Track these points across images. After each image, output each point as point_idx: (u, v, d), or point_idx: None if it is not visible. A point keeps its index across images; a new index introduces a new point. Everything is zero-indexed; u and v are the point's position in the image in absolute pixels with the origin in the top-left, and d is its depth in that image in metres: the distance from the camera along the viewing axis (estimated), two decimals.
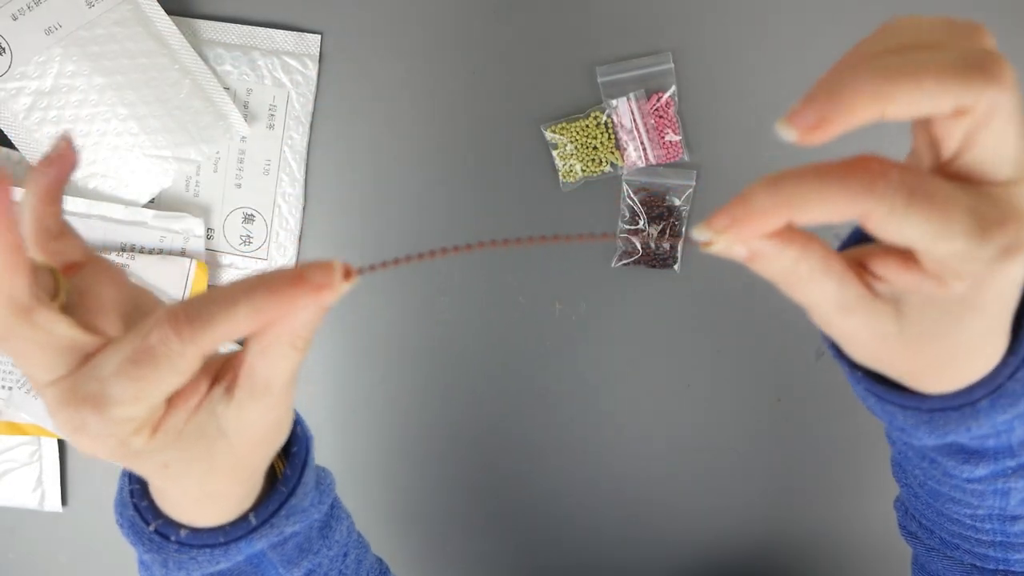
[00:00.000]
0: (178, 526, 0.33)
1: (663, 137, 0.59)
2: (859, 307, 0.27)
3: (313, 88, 0.60)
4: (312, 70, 0.60)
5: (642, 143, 0.59)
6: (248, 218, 0.60)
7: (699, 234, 0.25)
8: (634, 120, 0.59)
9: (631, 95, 0.59)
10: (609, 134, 0.60)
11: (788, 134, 0.24)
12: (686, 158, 0.60)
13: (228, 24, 0.59)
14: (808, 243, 0.26)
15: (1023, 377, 0.29)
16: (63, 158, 0.27)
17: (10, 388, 0.57)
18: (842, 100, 0.23)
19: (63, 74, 0.55)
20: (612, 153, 0.60)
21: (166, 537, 0.32)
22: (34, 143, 0.57)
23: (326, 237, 0.61)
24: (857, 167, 0.24)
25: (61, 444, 0.61)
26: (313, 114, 0.60)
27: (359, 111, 0.60)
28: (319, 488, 0.36)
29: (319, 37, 0.60)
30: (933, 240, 0.24)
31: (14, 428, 0.59)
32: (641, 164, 0.60)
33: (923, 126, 0.26)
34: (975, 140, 0.24)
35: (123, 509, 0.34)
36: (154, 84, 0.57)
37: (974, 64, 0.23)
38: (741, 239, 0.26)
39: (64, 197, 0.28)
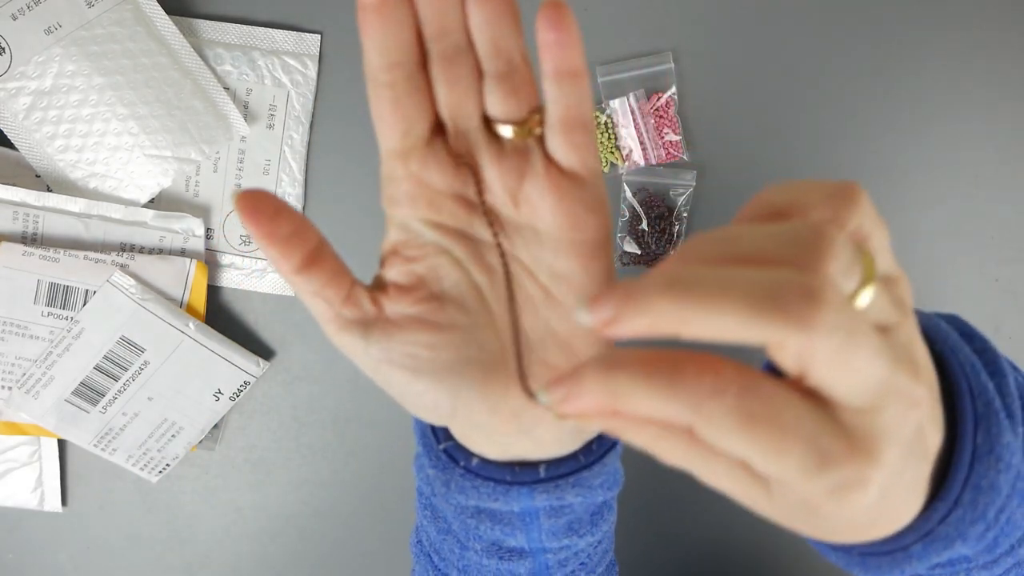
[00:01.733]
0: (469, 453, 0.32)
1: (663, 137, 0.59)
2: (757, 501, 0.24)
3: (313, 88, 0.60)
4: (312, 70, 0.60)
5: (642, 143, 0.59)
6: None
7: (541, 397, 0.23)
8: (634, 120, 0.59)
9: (631, 95, 0.59)
10: (609, 134, 0.59)
11: (583, 318, 0.21)
12: (686, 158, 0.60)
13: (228, 24, 0.59)
14: (663, 427, 0.23)
15: (954, 521, 0.27)
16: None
17: (10, 388, 0.57)
18: (637, 307, 0.21)
19: (63, 74, 0.55)
20: (612, 153, 0.60)
21: (454, 460, 0.32)
22: (34, 143, 0.57)
23: (326, 237, 0.61)
24: (691, 376, 0.21)
25: (61, 444, 0.61)
26: (313, 114, 0.60)
27: (359, 111, 0.60)
28: (612, 476, 0.34)
29: (319, 37, 0.60)
30: (762, 463, 0.21)
31: (14, 428, 0.59)
32: (641, 164, 0.60)
33: None
34: (809, 370, 0.21)
35: (419, 419, 0.33)
36: (154, 84, 0.57)
37: (779, 304, 0.20)
38: (576, 413, 0.23)
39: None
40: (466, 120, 0.28)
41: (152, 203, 0.59)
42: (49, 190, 0.58)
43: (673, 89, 0.59)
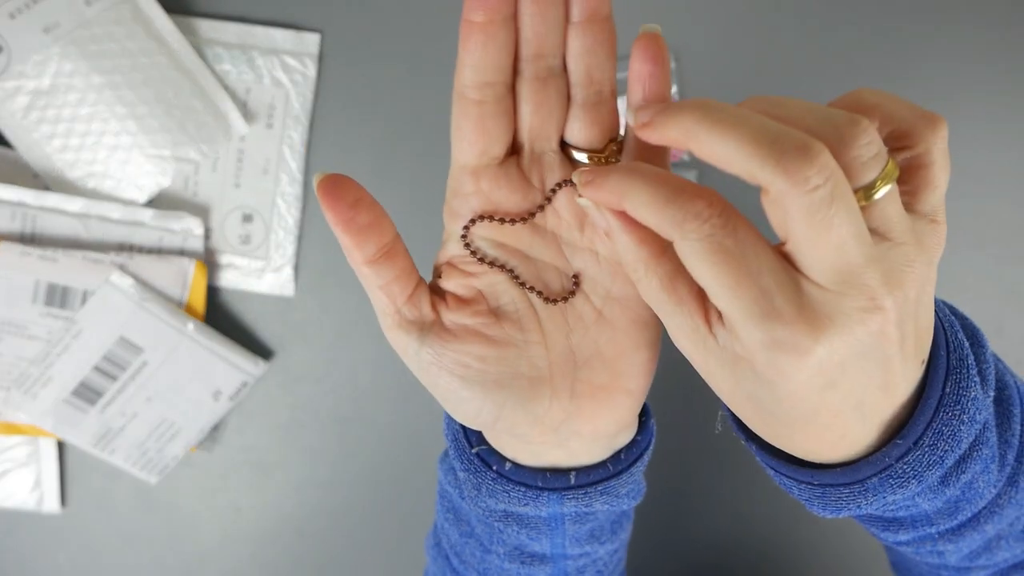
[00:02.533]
0: (502, 458, 0.33)
1: None
2: (697, 341, 0.26)
3: (312, 87, 0.60)
4: (311, 69, 0.59)
5: None
6: (247, 218, 0.60)
7: (578, 180, 0.27)
8: None
9: None
10: None
11: (628, 117, 0.26)
12: (686, 158, 0.60)
13: (227, 23, 0.59)
14: (662, 255, 0.26)
15: (912, 461, 0.28)
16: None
17: (8, 388, 0.57)
18: (669, 117, 0.24)
19: (61, 73, 0.55)
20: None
21: (488, 464, 0.33)
22: (32, 142, 0.57)
23: (325, 237, 0.61)
24: (687, 196, 0.24)
25: (60, 445, 0.61)
26: (312, 113, 0.60)
27: (359, 111, 0.60)
28: (637, 486, 0.35)
29: (318, 36, 0.59)
30: (716, 293, 0.24)
31: (12, 428, 0.58)
32: None
33: None
34: (787, 232, 0.24)
35: (451, 422, 0.34)
36: (153, 83, 0.57)
37: (776, 148, 0.22)
38: (592, 197, 0.27)
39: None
40: (544, 143, 0.29)
41: (151, 203, 0.59)
42: (47, 189, 0.58)
43: (674, 89, 0.59)
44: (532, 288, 0.30)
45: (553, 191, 0.29)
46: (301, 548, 0.63)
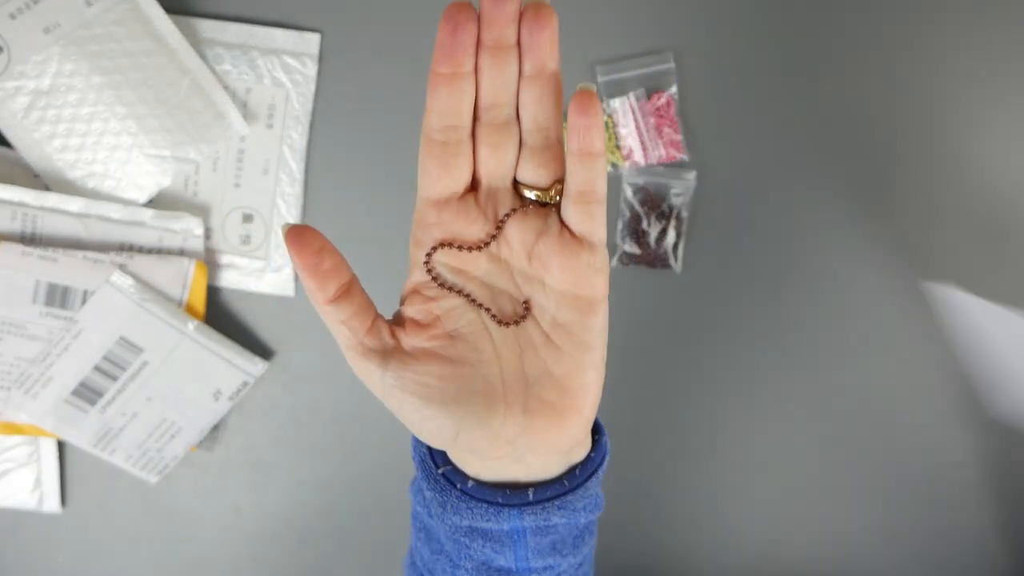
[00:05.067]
0: (465, 477, 0.36)
1: (663, 137, 0.59)
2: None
3: (312, 87, 0.60)
4: (311, 69, 0.59)
5: (642, 143, 0.59)
6: (247, 218, 0.60)
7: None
8: (634, 119, 0.59)
9: (631, 94, 0.59)
10: (609, 134, 0.59)
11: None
12: (686, 158, 0.60)
13: (227, 23, 0.59)
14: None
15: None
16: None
17: (8, 388, 0.57)
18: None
19: (61, 73, 0.55)
20: (612, 153, 0.60)
21: (452, 483, 0.36)
22: (32, 142, 0.57)
23: (326, 236, 0.61)
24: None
25: (60, 445, 0.61)
26: (312, 113, 0.60)
27: (359, 110, 0.60)
28: (594, 500, 0.38)
29: (318, 36, 0.59)
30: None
31: (12, 428, 0.58)
32: (641, 164, 0.60)
33: None
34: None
35: (418, 445, 0.38)
36: (153, 83, 0.57)
37: None
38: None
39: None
40: (499, 180, 0.33)
41: (151, 203, 0.59)
42: (48, 190, 0.58)
43: (674, 88, 0.59)
44: (487, 311, 0.34)
45: (503, 221, 0.33)
46: (301, 548, 0.63)
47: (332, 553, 0.63)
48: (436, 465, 0.37)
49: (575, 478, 0.36)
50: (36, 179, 0.58)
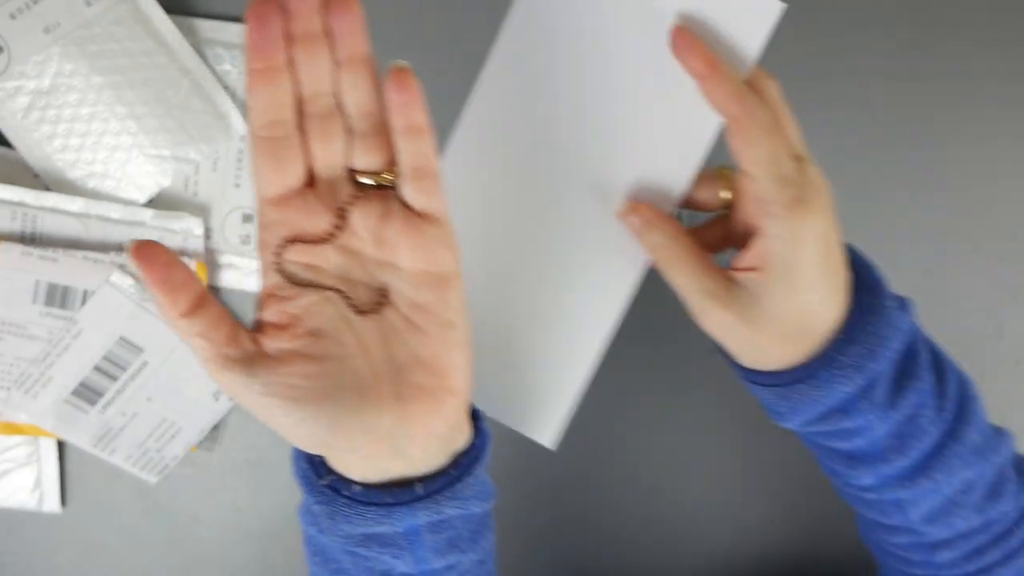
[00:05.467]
0: (350, 483, 0.35)
1: None
2: (726, 295, 0.37)
3: None
4: None
5: None
6: (247, 218, 0.60)
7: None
8: None
9: None
10: None
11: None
12: None
13: (227, 23, 0.59)
14: (678, 232, 0.39)
15: (851, 352, 0.36)
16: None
17: (8, 388, 0.57)
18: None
19: (61, 73, 0.55)
20: None
21: (337, 492, 0.35)
22: (32, 142, 0.57)
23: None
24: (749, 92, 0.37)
25: (60, 445, 0.61)
26: None
27: None
28: (484, 488, 0.38)
29: None
30: (770, 162, 0.36)
31: (12, 428, 0.58)
32: None
33: None
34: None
35: (298, 461, 0.36)
36: (153, 83, 0.57)
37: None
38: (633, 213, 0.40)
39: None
40: (334, 170, 0.33)
41: (151, 203, 0.59)
42: (48, 190, 0.58)
43: None
44: (347, 300, 0.33)
45: (343, 210, 0.33)
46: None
47: None
48: (319, 477, 0.36)
49: (460, 466, 0.36)
50: (36, 179, 0.58)
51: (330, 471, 0.36)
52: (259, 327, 0.33)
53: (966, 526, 0.39)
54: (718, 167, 0.41)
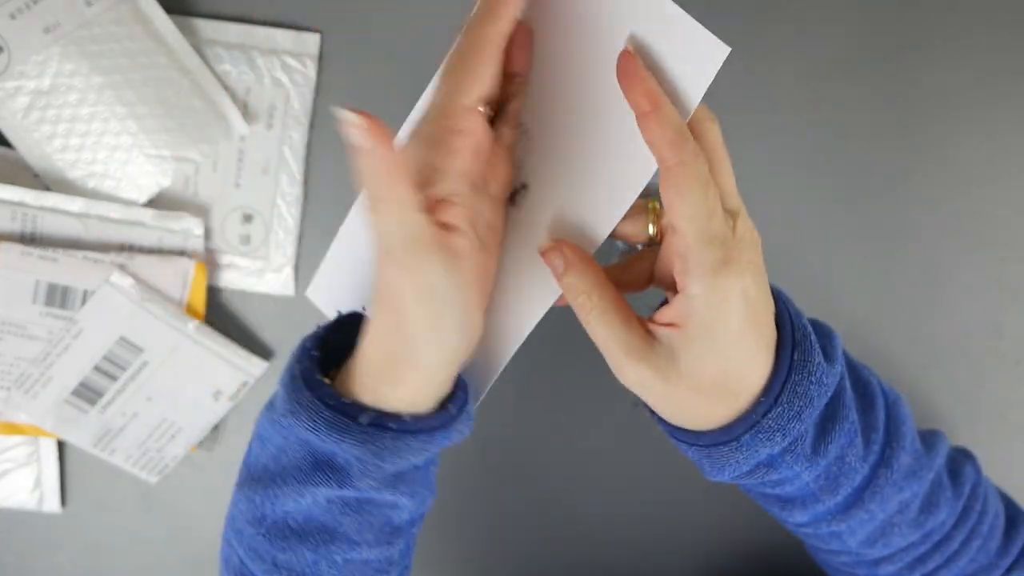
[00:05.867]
0: (394, 414, 0.35)
1: None
2: (645, 350, 0.34)
3: (312, 88, 0.60)
4: (312, 70, 0.59)
5: None
6: (247, 218, 0.60)
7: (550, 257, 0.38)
8: None
9: None
10: None
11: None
12: None
13: (227, 23, 0.59)
14: (601, 279, 0.36)
15: (775, 416, 0.34)
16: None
17: (8, 388, 0.57)
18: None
19: (61, 73, 0.55)
20: None
21: (384, 427, 0.34)
22: (32, 142, 0.57)
23: (325, 237, 0.60)
24: (685, 138, 0.33)
25: (60, 445, 0.61)
26: (312, 114, 0.60)
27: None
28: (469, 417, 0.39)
29: (318, 36, 0.59)
30: (691, 219, 0.32)
31: (12, 428, 0.58)
32: None
33: None
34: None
35: (317, 410, 0.34)
36: (153, 83, 0.57)
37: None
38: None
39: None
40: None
41: (151, 203, 0.59)
42: (48, 190, 0.58)
43: None
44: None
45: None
46: None
47: None
48: (353, 418, 0.34)
49: (463, 387, 0.38)
50: (36, 179, 0.58)
51: (362, 408, 0.35)
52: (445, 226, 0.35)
53: (905, 542, 0.39)
54: (647, 200, 0.39)
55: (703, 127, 0.35)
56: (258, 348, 0.61)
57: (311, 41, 0.59)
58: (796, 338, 0.35)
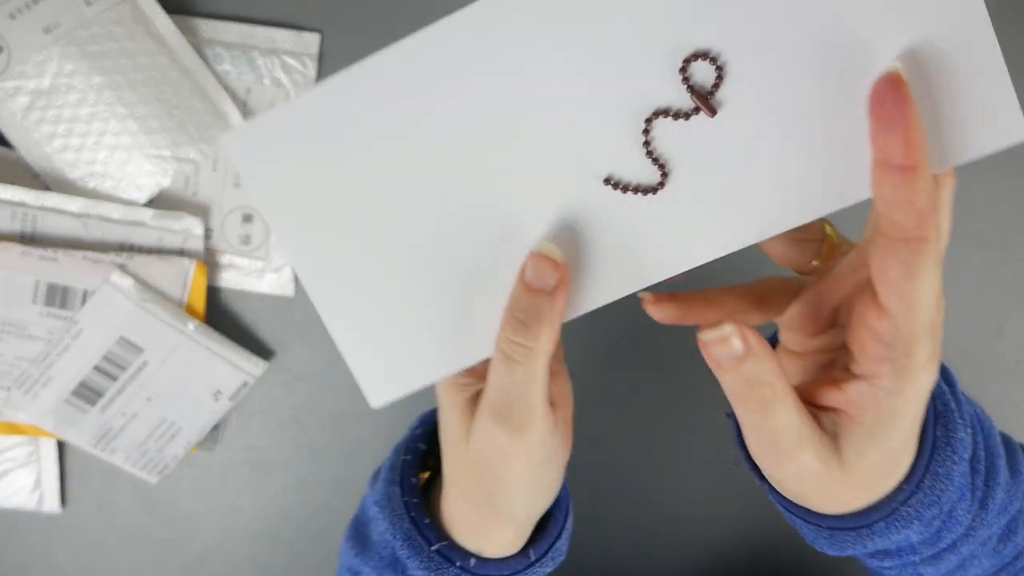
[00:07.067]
0: (467, 553, 0.35)
1: None
2: (813, 440, 0.29)
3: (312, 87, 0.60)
4: (311, 69, 0.59)
5: None
6: (247, 218, 0.60)
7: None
8: None
9: None
10: None
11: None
12: None
13: (227, 23, 0.59)
14: (781, 367, 0.29)
15: (915, 503, 0.31)
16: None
17: (8, 388, 0.57)
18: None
19: (62, 73, 0.55)
20: None
21: (450, 560, 0.34)
22: (32, 142, 0.57)
23: None
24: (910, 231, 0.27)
25: (60, 445, 0.61)
26: None
27: None
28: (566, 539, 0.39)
29: (319, 36, 0.59)
30: (916, 329, 0.28)
31: (12, 428, 0.58)
32: None
33: None
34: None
35: (396, 522, 0.35)
36: (153, 83, 0.57)
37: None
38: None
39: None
40: None
41: (151, 203, 0.59)
42: (48, 189, 0.58)
43: None
44: None
45: None
46: (301, 548, 0.63)
47: (332, 553, 0.63)
48: (428, 541, 0.35)
49: (556, 521, 0.38)
50: (36, 179, 0.58)
51: (440, 536, 0.35)
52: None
53: (981, 571, 0.36)
54: (825, 223, 0.34)
55: (942, 182, 0.28)
56: (258, 348, 0.61)
57: (311, 41, 0.59)
58: (938, 409, 0.32)
